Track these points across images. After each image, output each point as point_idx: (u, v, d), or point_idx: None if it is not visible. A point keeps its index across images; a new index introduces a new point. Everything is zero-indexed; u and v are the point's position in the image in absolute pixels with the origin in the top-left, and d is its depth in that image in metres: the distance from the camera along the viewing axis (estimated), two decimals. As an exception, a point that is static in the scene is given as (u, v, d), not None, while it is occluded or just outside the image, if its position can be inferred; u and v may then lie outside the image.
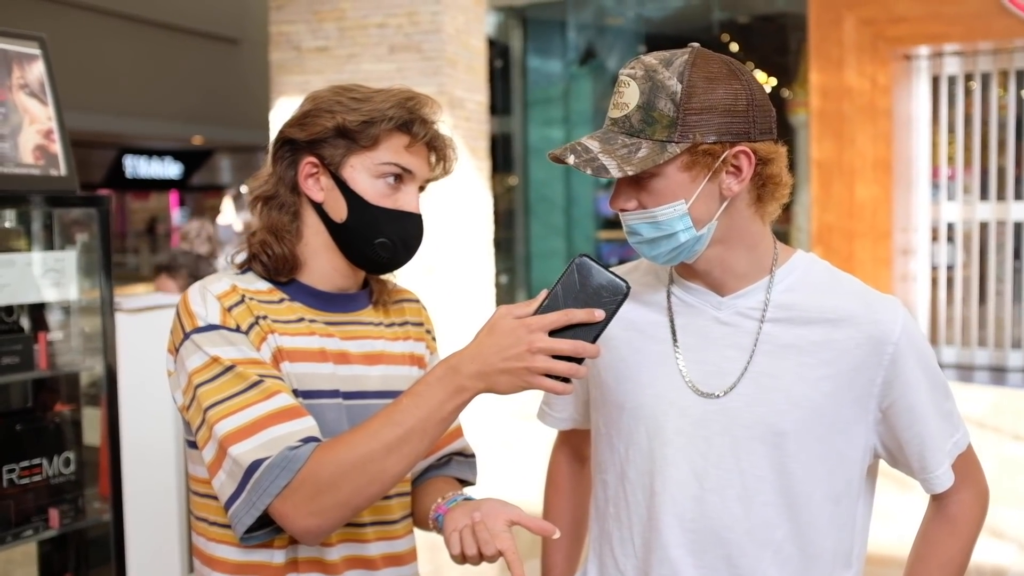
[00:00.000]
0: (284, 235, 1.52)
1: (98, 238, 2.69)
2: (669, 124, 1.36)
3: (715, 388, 1.47)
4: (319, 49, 7.90)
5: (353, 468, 1.33)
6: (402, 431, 1.33)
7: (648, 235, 1.42)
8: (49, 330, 2.70)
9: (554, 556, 1.77)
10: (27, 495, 2.59)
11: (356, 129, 1.48)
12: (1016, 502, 5.52)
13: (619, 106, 1.41)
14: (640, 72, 1.39)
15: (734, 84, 1.39)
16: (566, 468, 1.80)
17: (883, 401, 1.46)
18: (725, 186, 1.41)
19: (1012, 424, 7.49)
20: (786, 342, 1.45)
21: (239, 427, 1.37)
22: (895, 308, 1.47)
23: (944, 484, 1.51)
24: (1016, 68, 9.82)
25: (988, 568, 4.58)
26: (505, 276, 12.65)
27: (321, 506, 1.34)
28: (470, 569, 4.94)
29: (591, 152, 1.38)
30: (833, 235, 10.09)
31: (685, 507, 1.47)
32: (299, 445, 1.36)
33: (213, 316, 1.45)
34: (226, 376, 1.41)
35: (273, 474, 1.34)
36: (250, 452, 1.36)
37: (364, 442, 1.34)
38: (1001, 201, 10.00)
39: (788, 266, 1.50)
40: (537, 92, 13.25)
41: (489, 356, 1.31)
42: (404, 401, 1.35)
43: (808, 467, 1.44)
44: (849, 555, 1.52)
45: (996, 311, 10.08)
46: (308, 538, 1.39)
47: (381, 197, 1.50)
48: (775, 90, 12.27)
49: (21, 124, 2.52)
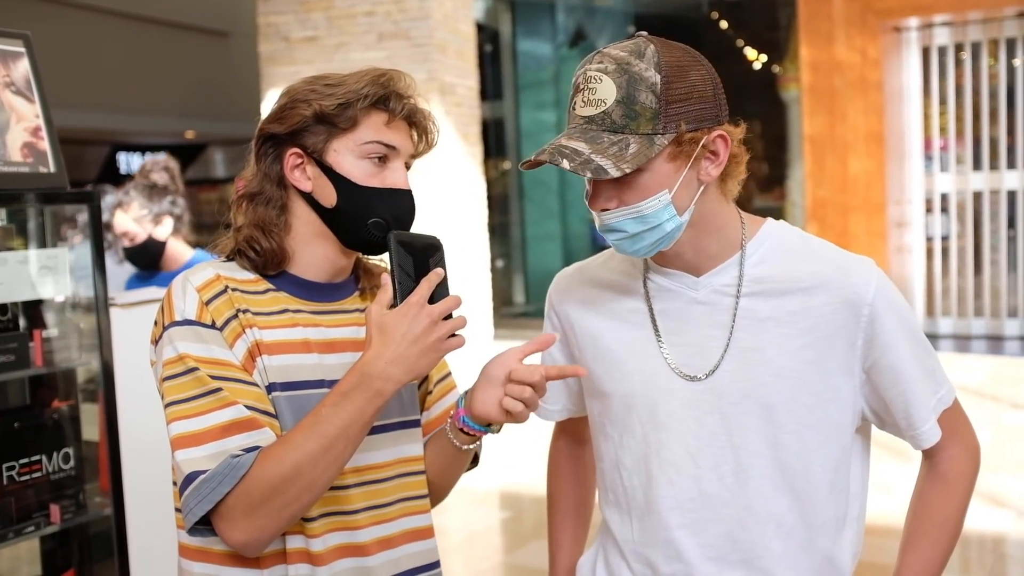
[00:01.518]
0: (272, 229, 1.53)
1: (90, 234, 2.70)
2: (653, 116, 1.35)
3: (701, 368, 1.48)
4: (308, 39, 7.89)
5: (284, 482, 1.36)
6: (326, 441, 1.37)
7: (632, 230, 1.41)
8: (44, 327, 2.71)
9: (561, 537, 1.79)
10: (28, 491, 2.60)
11: (334, 113, 1.48)
12: (1015, 469, 5.55)
13: (593, 103, 1.37)
14: (611, 66, 1.37)
15: (699, 69, 1.40)
16: (566, 451, 1.81)
17: (865, 362, 1.47)
18: (703, 171, 1.42)
19: (1010, 392, 7.52)
20: (764, 315, 1.46)
21: (189, 433, 1.40)
22: (868, 269, 1.48)
23: (931, 440, 1.52)
24: (1006, 37, 9.81)
25: (988, 535, 4.61)
26: (502, 261, 12.66)
27: (257, 521, 1.38)
28: (472, 555, 4.97)
29: (582, 154, 1.36)
30: (827, 210, 10.10)
31: (682, 488, 1.49)
32: (240, 454, 1.39)
33: (190, 310, 1.46)
34: (187, 377, 1.42)
35: (212, 484, 1.37)
36: (192, 461, 1.39)
37: (291, 455, 1.37)
38: (994, 170, 10.01)
39: (758, 239, 1.50)
40: (528, 76, 13.22)
41: (401, 349, 1.37)
42: (324, 411, 1.38)
43: (801, 437, 1.46)
44: (846, 518, 1.53)
45: (991, 281, 10.11)
46: (246, 551, 1.42)
47: (369, 177, 1.51)
48: (766, 66, 12.25)
49: (8, 122, 2.53)
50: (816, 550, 1.49)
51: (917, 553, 1.55)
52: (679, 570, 1.50)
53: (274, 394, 1.47)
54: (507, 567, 4.59)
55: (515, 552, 4.76)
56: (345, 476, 1.52)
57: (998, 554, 4.47)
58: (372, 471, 1.56)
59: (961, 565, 4.35)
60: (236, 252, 1.55)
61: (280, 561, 1.49)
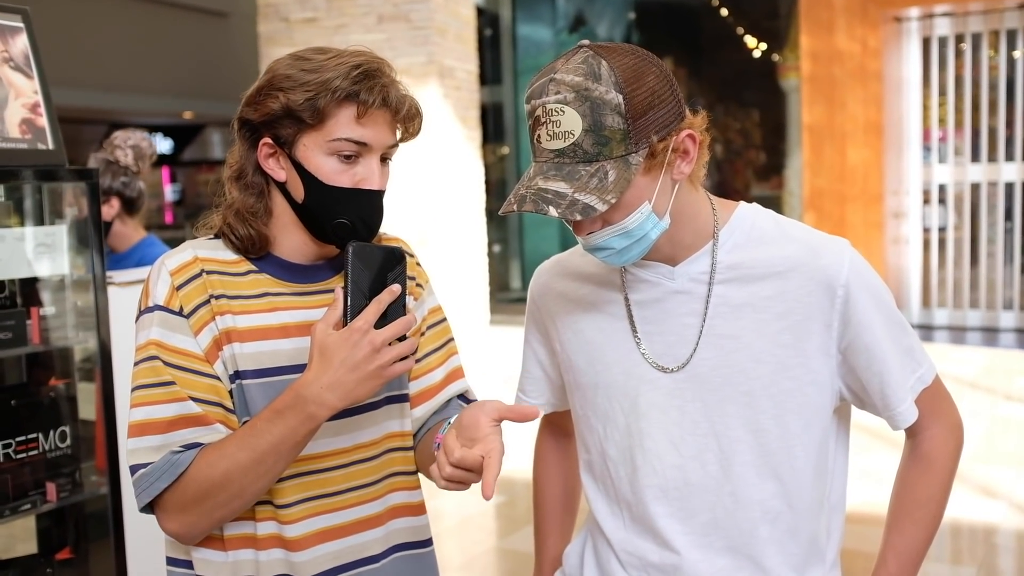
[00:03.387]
0: (250, 216, 1.50)
1: (88, 212, 2.69)
2: (623, 137, 1.33)
3: (679, 357, 1.48)
4: (307, 20, 7.86)
5: (214, 487, 1.39)
6: (256, 454, 1.38)
7: (619, 246, 1.40)
8: (42, 305, 2.71)
9: (547, 528, 1.80)
10: (24, 469, 2.60)
11: (301, 108, 1.42)
12: (1008, 461, 5.57)
13: (559, 136, 1.34)
14: (570, 95, 1.33)
15: (653, 70, 1.37)
16: (552, 443, 1.82)
17: (841, 343, 1.47)
18: (676, 171, 1.41)
19: (1004, 384, 7.54)
20: (740, 302, 1.46)
21: (138, 421, 1.43)
22: (841, 250, 1.47)
23: (907, 420, 1.52)
24: (1007, 28, 9.79)
25: (979, 526, 4.63)
26: (498, 246, 12.65)
27: (189, 518, 1.42)
28: (466, 539, 4.97)
29: (566, 196, 1.33)
30: (825, 199, 10.10)
31: (667, 477, 1.49)
32: (181, 451, 1.41)
33: (160, 295, 1.46)
34: (145, 364, 1.44)
35: (151, 479, 1.41)
36: (136, 453, 1.42)
37: (222, 463, 1.39)
38: (992, 162, 10.01)
39: (731, 225, 1.50)
40: (527, 60, 13.18)
41: (339, 375, 1.35)
42: (259, 425, 1.39)
43: (782, 422, 1.46)
44: (829, 500, 1.54)
45: (988, 272, 10.12)
46: (180, 540, 1.47)
47: (336, 175, 1.45)
48: (765, 55, 12.23)
49: (7, 98, 2.51)
50: (801, 534, 1.50)
51: (901, 534, 1.55)
52: (666, 558, 1.51)
53: (244, 382, 1.46)
54: (500, 552, 4.60)
55: (508, 537, 4.77)
56: (326, 459, 1.51)
57: (990, 545, 4.49)
58: (359, 450, 1.54)
59: (953, 556, 4.37)
60: (220, 234, 1.54)
61: (247, 546, 1.48)
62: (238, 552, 1.48)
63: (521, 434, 2.43)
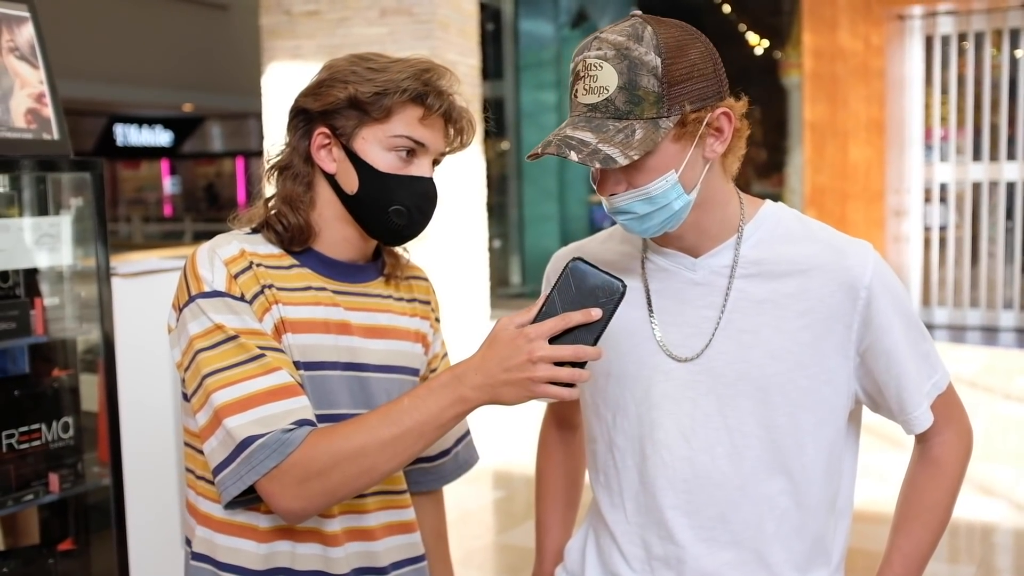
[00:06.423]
0: (299, 205, 1.52)
1: (92, 203, 2.69)
2: (656, 100, 1.35)
3: (694, 349, 1.48)
4: (310, 13, 7.84)
5: (346, 459, 1.35)
6: (399, 431, 1.35)
7: (641, 211, 1.40)
8: (45, 296, 2.70)
9: (549, 520, 1.79)
10: (27, 460, 2.60)
11: (368, 101, 1.46)
12: (1007, 460, 5.57)
13: (595, 91, 1.36)
14: (611, 52, 1.35)
15: (698, 46, 1.39)
16: (556, 435, 1.81)
17: (860, 345, 1.47)
18: (709, 149, 1.41)
19: (1004, 384, 7.55)
20: (761, 297, 1.46)
21: (236, 399, 1.39)
22: (865, 252, 1.48)
23: (923, 425, 1.52)
24: (1010, 27, 9.79)
25: (978, 524, 4.63)
26: (499, 241, 12.64)
27: (308, 491, 1.36)
28: (465, 534, 4.98)
29: (589, 144, 1.35)
30: (826, 197, 10.09)
31: (676, 469, 1.49)
32: (293, 428, 1.37)
33: (219, 282, 1.45)
34: (228, 345, 1.41)
35: (264, 453, 1.36)
36: (245, 427, 1.37)
37: (360, 436, 1.36)
38: (994, 161, 10.01)
39: (756, 220, 1.50)
40: (529, 56, 13.17)
41: (492, 368, 1.32)
42: (405, 401, 1.37)
43: (796, 419, 1.46)
44: (837, 502, 1.54)
45: (988, 272, 10.12)
46: (290, 518, 1.42)
47: (392, 168, 1.49)
48: (767, 52, 12.21)
49: (12, 88, 2.51)
50: (807, 533, 1.50)
51: (908, 536, 1.56)
52: (670, 551, 1.50)
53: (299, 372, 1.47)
54: (500, 546, 4.60)
55: (508, 532, 4.77)
56: None
57: (988, 543, 4.49)
58: None
59: (951, 554, 4.38)
60: (264, 224, 1.54)
61: (284, 537, 1.49)
62: (274, 544, 1.48)
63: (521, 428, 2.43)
